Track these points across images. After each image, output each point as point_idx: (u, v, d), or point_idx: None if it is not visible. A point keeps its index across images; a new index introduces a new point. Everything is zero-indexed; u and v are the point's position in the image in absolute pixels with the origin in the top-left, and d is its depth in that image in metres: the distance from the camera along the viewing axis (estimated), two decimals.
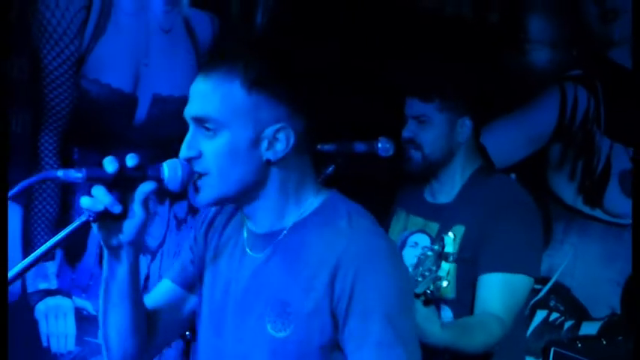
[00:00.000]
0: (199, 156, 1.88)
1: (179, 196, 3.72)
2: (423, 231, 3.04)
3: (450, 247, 2.53)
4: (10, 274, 1.78)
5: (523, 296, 2.86)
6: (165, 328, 2.10)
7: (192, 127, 1.91)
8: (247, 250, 1.99)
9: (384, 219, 3.13)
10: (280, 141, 1.88)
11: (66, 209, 3.59)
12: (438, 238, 2.61)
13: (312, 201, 1.94)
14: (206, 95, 1.89)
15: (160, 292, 2.13)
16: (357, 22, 4.00)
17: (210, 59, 1.96)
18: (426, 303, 2.50)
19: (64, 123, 3.52)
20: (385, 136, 3.03)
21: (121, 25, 3.57)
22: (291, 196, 1.93)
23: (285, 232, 1.93)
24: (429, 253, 2.55)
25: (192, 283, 2.10)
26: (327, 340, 1.87)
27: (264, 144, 1.88)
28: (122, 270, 1.93)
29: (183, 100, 1.93)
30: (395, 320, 1.83)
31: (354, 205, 1.96)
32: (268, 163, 1.89)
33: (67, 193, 3.56)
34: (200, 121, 1.88)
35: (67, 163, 3.53)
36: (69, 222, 3.53)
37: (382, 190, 3.36)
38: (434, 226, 3.00)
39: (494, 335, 2.75)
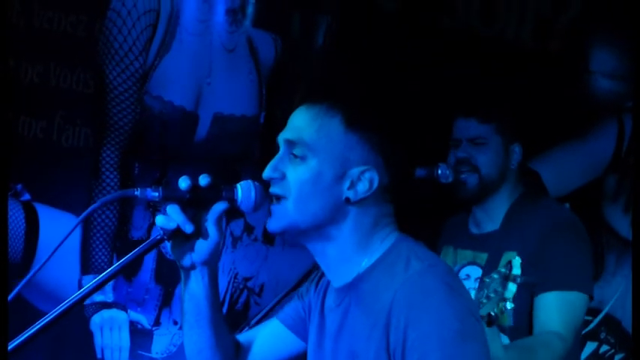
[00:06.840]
0: (282, 178, 1.89)
1: (236, 213, 3.74)
2: (473, 263, 3.01)
3: (517, 269, 2.52)
4: (84, 290, 1.80)
5: (580, 313, 2.83)
6: None
7: (281, 151, 1.92)
8: (332, 305, 1.97)
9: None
10: (363, 182, 1.88)
11: (124, 222, 3.63)
12: (506, 262, 2.59)
13: (379, 247, 1.91)
14: (304, 122, 1.91)
15: (263, 327, 2.14)
16: (416, 47, 4.00)
17: (313, 93, 1.97)
18: (489, 324, 2.49)
19: (125, 138, 3.57)
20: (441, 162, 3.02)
21: (186, 43, 3.61)
22: (362, 242, 1.91)
23: (354, 282, 1.91)
24: (495, 275, 2.54)
25: (297, 328, 2.10)
26: None
27: (347, 182, 1.88)
28: (197, 291, 1.94)
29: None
30: None
31: (417, 247, 1.90)
32: (347, 201, 1.88)
33: (125, 207, 3.60)
34: (292, 145, 1.89)
35: (127, 177, 3.57)
36: (126, 235, 3.62)
37: (425, 222, 3.33)
38: (483, 257, 2.97)
39: (558, 352, 2.72)
